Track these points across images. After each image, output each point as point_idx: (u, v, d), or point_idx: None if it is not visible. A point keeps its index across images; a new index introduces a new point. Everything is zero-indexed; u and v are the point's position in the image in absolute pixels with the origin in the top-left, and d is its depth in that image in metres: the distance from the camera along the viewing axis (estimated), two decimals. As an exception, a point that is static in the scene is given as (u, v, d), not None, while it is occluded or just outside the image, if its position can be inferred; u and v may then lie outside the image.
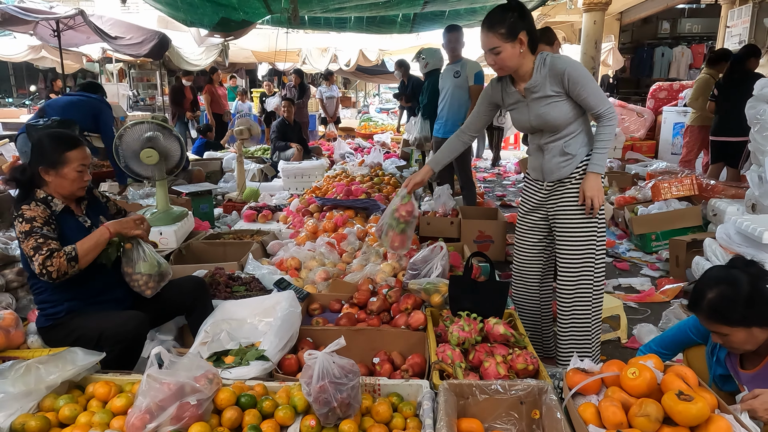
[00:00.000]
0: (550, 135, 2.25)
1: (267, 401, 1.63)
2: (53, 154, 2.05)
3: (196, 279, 2.46)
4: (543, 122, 2.22)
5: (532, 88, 2.18)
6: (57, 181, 2.07)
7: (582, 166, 2.23)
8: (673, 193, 4.68)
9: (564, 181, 2.26)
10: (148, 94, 13.66)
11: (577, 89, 2.11)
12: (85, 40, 8.23)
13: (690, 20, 10.68)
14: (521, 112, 2.28)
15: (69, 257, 1.93)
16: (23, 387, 1.66)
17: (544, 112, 2.19)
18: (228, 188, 6.11)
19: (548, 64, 2.14)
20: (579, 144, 2.23)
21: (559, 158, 2.24)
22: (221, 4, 5.06)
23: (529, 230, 2.44)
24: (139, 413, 1.46)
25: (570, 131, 2.22)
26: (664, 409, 1.36)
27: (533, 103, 2.21)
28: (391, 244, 2.54)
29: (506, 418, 1.63)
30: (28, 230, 1.94)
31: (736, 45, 6.89)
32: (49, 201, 2.07)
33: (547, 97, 2.17)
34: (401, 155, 7.61)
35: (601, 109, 2.14)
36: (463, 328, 1.96)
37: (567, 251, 2.28)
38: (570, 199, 2.25)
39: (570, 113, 2.19)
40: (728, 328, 1.57)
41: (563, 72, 2.11)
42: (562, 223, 2.28)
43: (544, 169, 2.31)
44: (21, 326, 2.11)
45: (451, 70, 4.64)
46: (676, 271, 3.81)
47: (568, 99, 2.17)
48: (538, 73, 2.16)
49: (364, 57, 12.52)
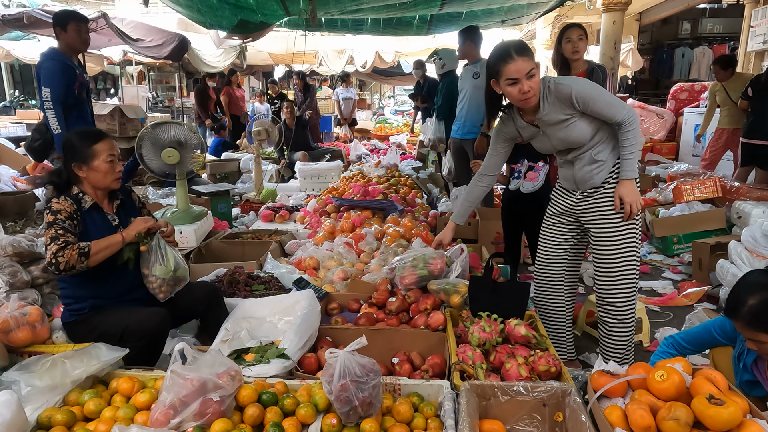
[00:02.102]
0: (577, 150, 2.22)
1: (288, 399, 1.64)
2: (82, 149, 2.11)
3: (208, 286, 2.46)
4: (567, 144, 2.20)
5: (544, 118, 2.15)
6: (91, 175, 2.12)
7: (615, 170, 2.19)
8: (695, 195, 4.59)
9: (597, 188, 2.22)
10: (167, 96, 13.85)
11: (590, 106, 2.08)
12: (106, 42, 8.36)
13: (711, 20, 10.49)
14: (542, 141, 2.26)
15: (81, 252, 1.96)
16: (49, 381, 1.69)
17: (566, 136, 2.16)
18: (245, 189, 6.16)
19: (554, 91, 2.10)
20: (608, 149, 2.18)
21: (590, 166, 2.20)
22: (240, 6, 5.10)
23: (554, 234, 2.41)
24: (163, 408, 1.47)
25: (596, 140, 2.18)
26: (693, 413, 1.33)
27: (550, 130, 2.18)
28: (401, 279, 2.53)
29: (528, 420, 1.61)
30: (52, 221, 2.00)
31: (760, 45, 6.74)
32: (80, 198, 2.12)
33: (562, 121, 2.13)
34: (417, 156, 7.60)
35: (618, 118, 2.08)
36: (484, 329, 1.94)
37: (606, 257, 2.23)
38: (605, 207, 2.20)
39: (590, 127, 2.15)
40: (767, 336, 1.52)
41: (569, 95, 2.07)
42: (600, 231, 2.23)
43: (576, 179, 2.27)
44: (46, 322, 2.15)
45: (471, 71, 4.61)
46: (699, 274, 3.73)
47: (583, 116, 2.13)
48: (546, 102, 2.11)
49: (381, 59, 12.54)
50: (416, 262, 2.54)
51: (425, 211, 4.46)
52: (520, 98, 2.08)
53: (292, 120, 7.11)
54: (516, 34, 12.67)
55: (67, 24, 3.51)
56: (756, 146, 4.99)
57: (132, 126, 6.15)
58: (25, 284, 2.52)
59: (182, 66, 10.67)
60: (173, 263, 2.19)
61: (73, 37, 3.54)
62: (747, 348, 1.70)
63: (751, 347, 1.61)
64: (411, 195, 4.93)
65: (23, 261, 2.62)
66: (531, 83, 2.04)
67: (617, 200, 2.16)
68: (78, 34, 3.54)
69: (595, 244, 2.27)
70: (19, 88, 16.59)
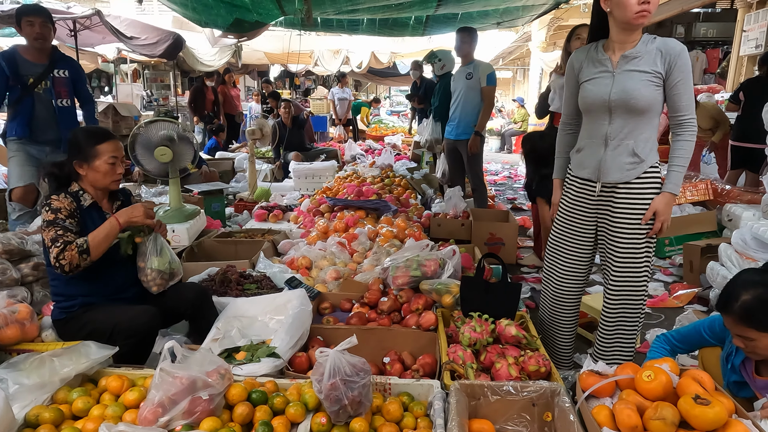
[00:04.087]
0: (621, 125, 2.00)
1: (278, 398, 1.63)
2: (86, 148, 2.10)
3: (197, 287, 2.41)
4: (625, 99, 1.95)
5: (632, 56, 1.95)
6: (91, 174, 2.11)
7: (652, 172, 2.02)
8: (687, 197, 4.63)
9: (621, 185, 2.04)
10: (162, 94, 13.77)
11: (679, 79, 1.91)
12: (101, 40, 8.33)
13: (705, 24, 10.55)
14: (601, 84, 2.01)
15: (81, 249, 1.95)
16: (37, 379, 1.68)
17: (633, 88, 1.93)
18: (239, 188, 6.15)
19: (659, 42, 1.93)
20: (650, 149, 2.01)
21: (627, 158, 2.00)
22: (235, 5, 5.10)
23: (571, 240, 2.24)
24: (151, 407, 1.47)
25: (643, 129, 1.99)
26: (680, 413, 1.34)
27: (622, 75, 1.96)
28: (394, 280, 2.52)
29: (518, 419, 1.61)
30: (52, 220, 1.99)
31: (752, 50, 6.80)
32: (79, 195, 2.11)
33: (643, 72, 1.93)
34: (412, 157, 7.61)
35: (686, 116, 1.94)
36: (475, 329, 1.95)
37: (620, 263, 2.09)
38: (629, 208, 2.04)
39: (656, 103, 1.96)
40: (757, 333, 1.53)
41: (678, 53, 1.89)
42: (618, 233, 2.07)
43: (602, 166, 2.05)
44: (36, 319, 2.13)
45: (464, 72, 4.63)
46: (690, 276, 3.76)
47: (661, 88, 1.95)
48: (644, 46, 1.94)
49: (376, 59, 12.57)
50: (409, 263, 2.55)
51: (419, 211, 4.47)
52: (637, 11, 1.84)
53: (289, 118, 7.08)
54: (512, 36, 12.73)
55: (20, 20, 3.46)
56: (746, 150, 5.03)
57: (126, 124, 6.13)
58: (14, 282, 2.50)
59: (177, 64, 10.65)
60: (169, 256, 2.20)
61: (26, 32, 3.48)
62: (735, 349, 1.71)
63: (738, 344, 1.62)
64: (405, 195, 4.93)
65: (13, 258, 2.60)
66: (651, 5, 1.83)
67: (650, 212, 2.00)
68: (30, 29, 3.45)
69: (610, 246, 2.11)
70: (12, 85, 16.45)
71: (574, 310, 2.39)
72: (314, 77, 17.81)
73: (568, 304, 2.36)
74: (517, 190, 7.69)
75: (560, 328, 2.41)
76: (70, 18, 7.03)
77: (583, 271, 2.30)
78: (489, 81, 4.52)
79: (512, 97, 16.48)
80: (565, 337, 2.43)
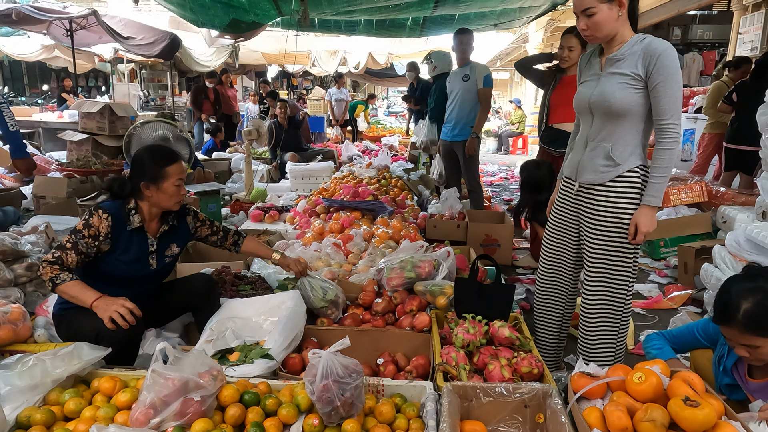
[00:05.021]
0: (599, 127, 2.00)
1: (270, 399, 1.63)
2: (154, 169, 2.07)
3: (205, 276, 2.47)
4: (601, 102, 1.96)
5: (615, 59, 1.93)
6: (157, 195, 2.09)
7: (628, 176, 1.98)
8: (682, 199, 4.64)
9: (597, 186, 2.02)
10: (159, 94, 13.76)
11: (659, 80, 1.84)
12: (97, 40, 8.33)
13: (701, 27, 10.60)
14: (588, 87, 2.03)
15: (54, 279, 1.92)
16: (29, 380, 1.67)
17: (609, 91, 1.93)
18: (236, 188, 6.15)
19: (646, 44, 1.87)
20: (629, 153, 1.97)
21: (602, 161, 2.00)
22: (232, 5, 5.10)
23: (557, 238, 2.25)
24: (143, 408, 1.47)
25: (623, 133, 1.96)
26: (670, 415, 1.34)
27: (605, 78, 1.96)
28: (388, 281, 2.52)
29: (510, 421, 1.62)
30: (76, 230, 1.98)
31: (748, 52, 6.82)
32: (130, 215, 2.08)
33: (623, 75, 1.91)
34: (409, 158, 7.62)
35: (667, 120, 1.87)
36: (468, 331, 1.95)
37: (595, 266, 2.08)
38: (602, 210, 2.02)
39: (635, 106, 1.92)
40: (763, 340, 1.49)
41: (658, 54, 1.83)
42: (591, 235, 2.06)
43: (579, 166, 2.07)
44: (28, 320, 2.13)
45: (460, 74, 4.64)
46: (685, 278, 3.77)
47: (643, 91, 1.90)
48: (630, 47, 1.90)
49: (374, 60, 12.58)
50: (404, 264, 2.55)
51: (415, 212, 4.47)
52: (583, 33, 1.93)
53: (285, 119, 7.08)
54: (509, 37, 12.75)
55: None
56: (740, 152, 5.04)
57: (122, 124, 6.12)
58: (7, 282, 2.50)
59: (174, 65, 10.64)
60: (321, 291, 2.37)
61: None
62: (727, 351, 1.71)
63: (742, 353, 1.56)
64: (401, 196, 4.93)
65: (6, 259, 2.60)
66: (588, 22, 1.88)
67: (632, 227, 1.96)
68: None
69: (584, 248, 2.12)
70: (8, 84, 16.43)
71: (561, 309, 2.36)
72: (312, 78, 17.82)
73: (553, 303, 2.36)
74: (513, 191, 7.71)
75: (545, 327, 2.40)
76: (66, 18, 7.02)
77: (568, 269, 2.28)
78: (485, 83, 4.53)
79: (509, 99, 16.51)
80: (550, 337, 2.41)
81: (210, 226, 2.43)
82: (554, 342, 2.43)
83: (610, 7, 1.85)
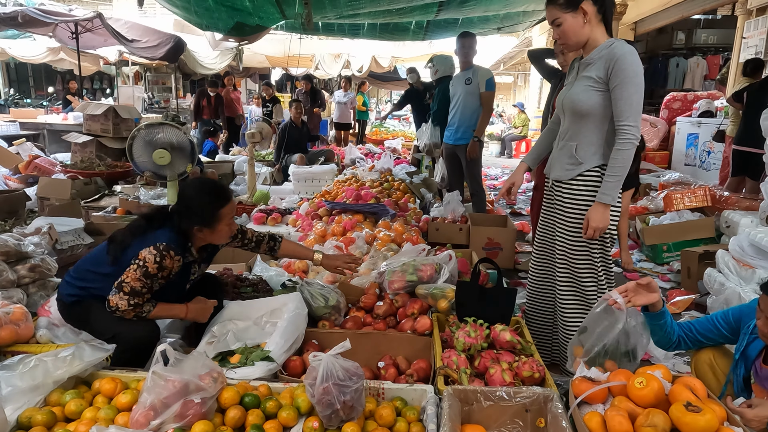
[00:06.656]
0: (567, 127, 2.15)
1: (270, 402, 1.63)
2: (208, 214, 2.02)
3: (212, 277, 2.48)
4: (569, 104, 2.11)
5: (586, 63, 2.07)
6: (210, 236, 2.08)
7: (589, 175, 2.11)
8: (685, 203, 4.62)
9: (563, 183, 2.18)
10: (163, 96, 13.82)
11: (616, 83, 1.94)
12: (102, 42, 8.38)
13: (705, 31, 10.59)
14: (565, 89, 2.19)
15: (139, 314, 1.96)
16: (31, 381, 1.68)
17: (575, 93, 2.07)
18: (238, 191, 6.16)
19: (610, 48, 1.98)
20: (592, 153, 2.09)
21: (567, 159, 2.15)
22: (236, 8, 5.12)
23: (542, 234, 2.38)
24: (143, 410, 1.47)
25: (587, 133, 2.08)
26: (671, 420, 1.34)
27: (577, 81, 2.10)
28: (390, 284, 2.53)
29: (511, 425, 1.61)
30: (149, 273, 1.93)
31: (752, 56, 6.81)
32: (188, 251, 2.09)
33: (589, 78, 2.03)
34: (411, 161, 7.62)
35: (623, 122, 1.96)
36: (469, 334, 1.95)
37: (561, 260, 2.22)
38: (567, 206, 2.17)
39: (597, 108, 2.03)
40: None
41: (616, 58, 1.93)
42: (558, 230, 2.23)
43: (550, 163, 2.25)
44: (30, 321, 2.14)
45: (463, 77, 4.64)
46: (688, 282, 3.75)
47: (605, 93, 2.00)
48: (598, 52, 2.02)
49: (377, 63, 12.60)
50: (406, 267, 2.55)
51: (417, 215, 4.47)
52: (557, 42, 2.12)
53: (298, 117, 7.04)
54: (513, 41, 12.77)
55: None
56: (747, 154, 5.01)
57: (126, 126, 6.14)
58: (10, 283, 2.51)
59: (178, 67, 10.69)
60: (323, 299, 2.35)
61: None
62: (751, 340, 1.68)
63: None
64: (404, 199, 4.93)
65: (9, 260, 2.61)
66: (559, 32, 2.03)
67: (585, 222, 2.09)
68: None
69: (555, 241, 2.25)
70: (14, 86, 16.54)
71: (552, 304, 2.41)
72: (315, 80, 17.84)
73: (545, 298, 2.43)
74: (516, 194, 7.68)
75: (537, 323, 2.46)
76: (71, 20, 7.06)
77: (551, 263, 2.35)
78: (488, 86, 4.53)
79: (513, 102, 16.51)
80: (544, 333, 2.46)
81: (241, 239, 2.39)
82: (548, 339, 2.48)
83: (573, 16, 1.99)
